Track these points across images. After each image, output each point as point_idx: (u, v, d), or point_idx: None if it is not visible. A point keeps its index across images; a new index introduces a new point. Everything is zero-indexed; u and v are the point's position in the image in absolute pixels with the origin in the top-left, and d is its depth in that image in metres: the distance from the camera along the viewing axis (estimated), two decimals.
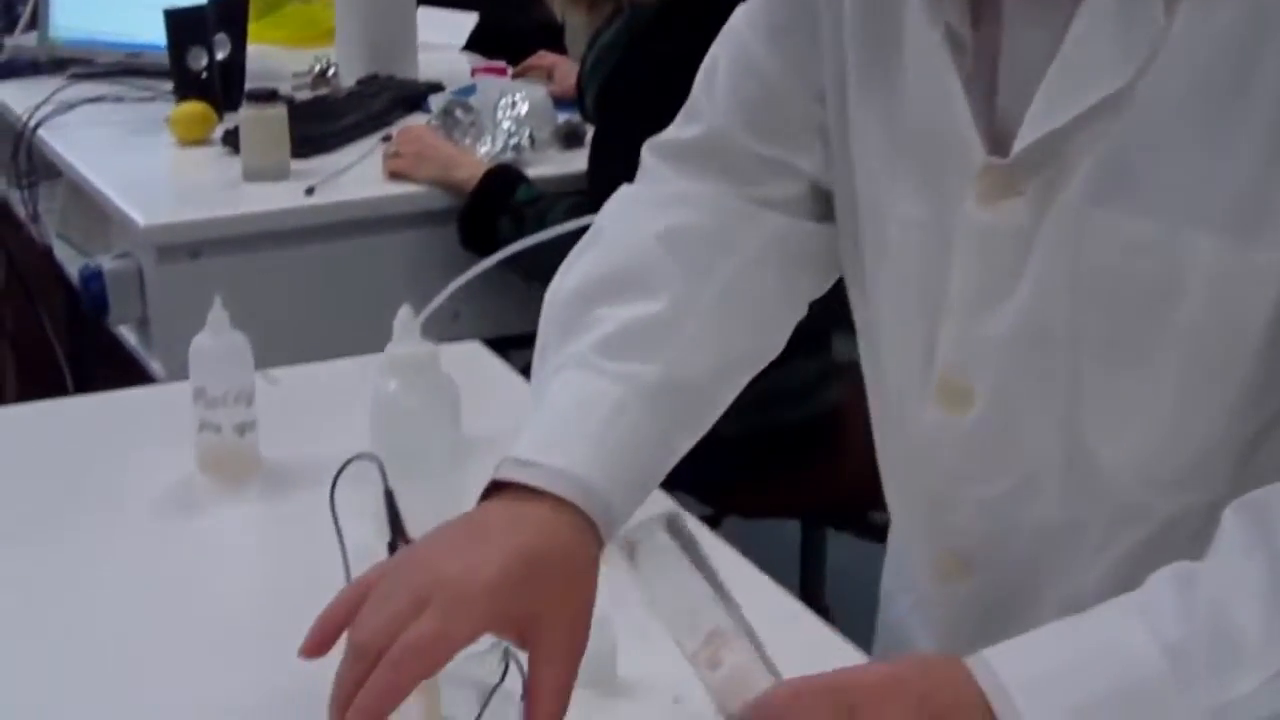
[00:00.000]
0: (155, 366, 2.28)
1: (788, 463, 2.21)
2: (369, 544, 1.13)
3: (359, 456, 1.08)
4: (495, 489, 0.98)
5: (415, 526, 1.07)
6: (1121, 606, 0.84)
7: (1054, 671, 0.82)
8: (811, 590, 2.43)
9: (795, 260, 1.11)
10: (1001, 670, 0.81)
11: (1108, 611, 0.84)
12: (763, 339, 1.12)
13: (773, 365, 1.13)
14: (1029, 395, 0.98)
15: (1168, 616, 0.82)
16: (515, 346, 1.98)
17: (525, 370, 1.64)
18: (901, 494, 1.14)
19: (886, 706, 0.80)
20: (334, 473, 1.09)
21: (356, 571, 1.08)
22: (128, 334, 2.40)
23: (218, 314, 1.39)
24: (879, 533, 2.31)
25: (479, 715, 1.02)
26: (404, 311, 1.29)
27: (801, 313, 1.14)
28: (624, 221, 1.11)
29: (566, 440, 0.98)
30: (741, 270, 1.08)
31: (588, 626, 0.93)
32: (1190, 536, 0.89)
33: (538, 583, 0.91)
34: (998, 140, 0.95)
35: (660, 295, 1.05)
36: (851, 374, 2.17)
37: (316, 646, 0.93)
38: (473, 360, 1.65)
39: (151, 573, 1.29)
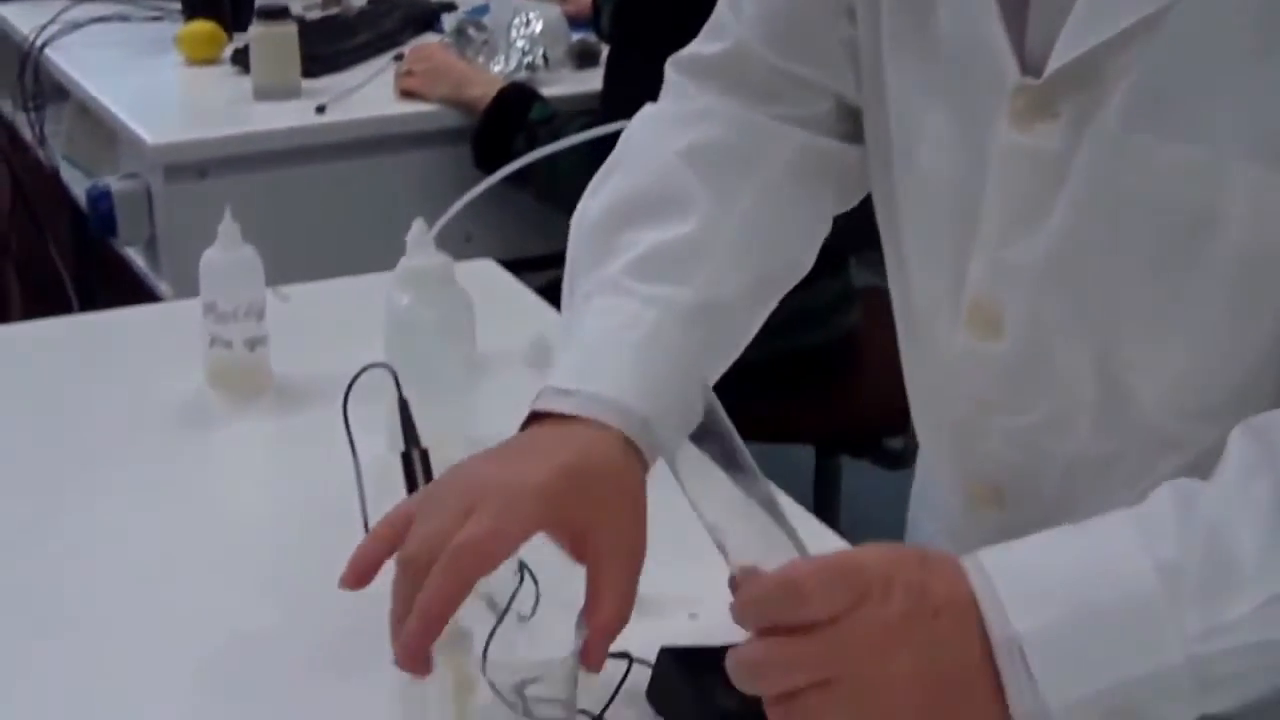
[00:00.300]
0: (163, 288, 2.27)
1: (804, 387, 2.20)
2: (382, 456, 1.12)
3: (373, 365, 1.06)
4: (534, 419, 0.97)
5: (429, 440, 1.06)
6: (1120, 520, 0.83)
7: (1046, 581, 0.81)
8: (825, 517, 2.42)
9: (819, 177, 1.10)
10: (995, 575, 0.81)
11: (1106, 524, 0.83)
12: (791, 256, 1.10)
13: (798, 286, 1.12)
14: (1062, 323, 0.96)
15: (1165, 534, 0.81)
16: (528, 268, 1.97)
17: (540, 291, 1.64)
18: (930, 421, 1.12)
19: (893, 592, 0.80)
20: (346, 388, 1.08)
21: (369, 482, 1.07)
22: (136, 256, 2.39)
23: (228, 227, 1.37)
24: (894, 459, 2.34)
25: (494, 629, 1.01)
26: (417, 225, 1.27)
27: (826, 230, 1.13)
28: (648, 140, 1.10)
29: (603, 366, 0.98)
30: (767, 187, 1.07)
31: (644, 536, 0.93)
32: None
33: (587, 492, 0.91)
34: (1033, 65, 0.93)
35: (689, 216, 1.04)
36: (868, 299, 2.18)
37: (357, 577, 0.93)
38: (486, 277, 1.63)
39: (162, 487, 1.27)
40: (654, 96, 1.14)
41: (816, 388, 2.22)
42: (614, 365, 0.97)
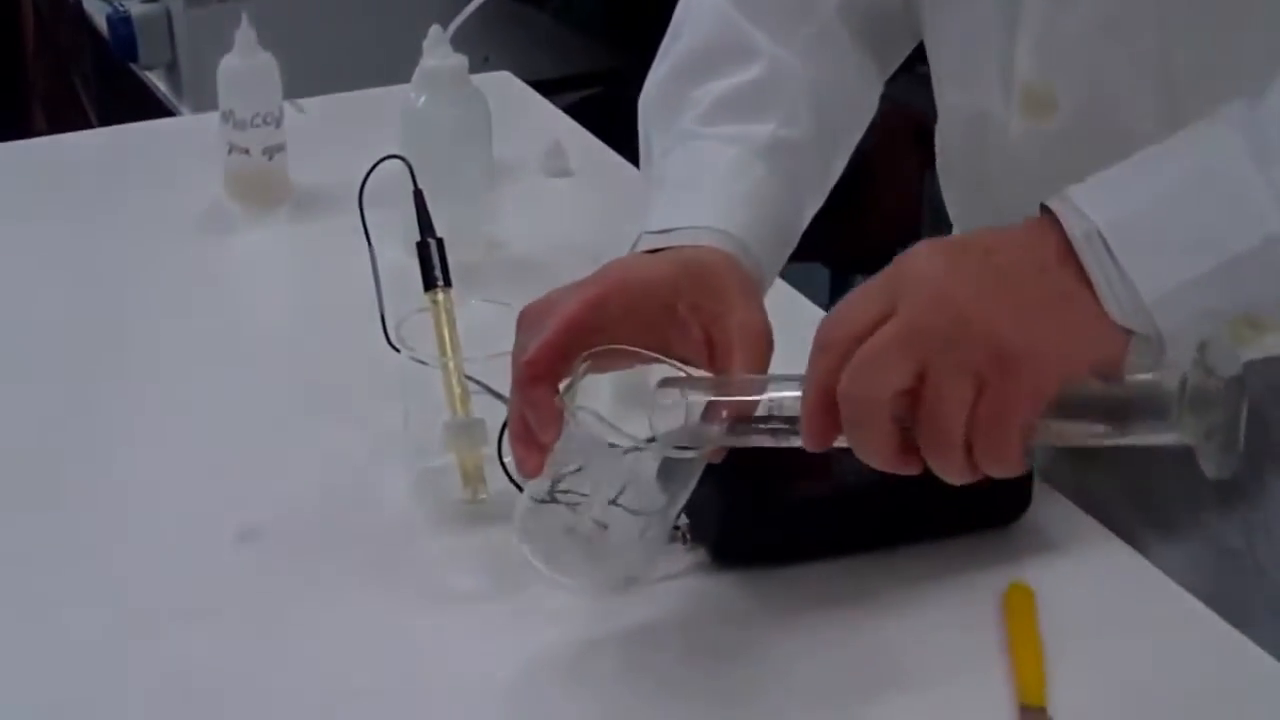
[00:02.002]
0: (185, 112, 2.26)
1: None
2: (399, 260, 1.11)
3: (388, 157, 1.06)
4: None
5: (446, 242, 1.05)
6: (1195, 122, 0.81)
7: (1119, 176, 0.79)
8: None
9: (871, 22, 1.09)
10: (1065, 188, 0.79)
11: (1181, 132, 0.81)
12: (855, 97, 1.10)
13: None
14: (1119, 87, 0.95)
15: (1235, 110, 0.79)
16: (546, 91, 1.95)
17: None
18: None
19: (934, 256, 0.78)
20: (361, 180, 1.07)
21: (387, 285, 1.06)
22: (157, 81, 2.38)
23: (245, 33, 1.37)
24: None
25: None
26: (434, 30, 1.26)
27: (887, 73, 1.12)
28: (699, 3, 1.09)
29: (693, 202, 0.97)
30: (823, 29, 1.07)
31: (770, 328, 0.89)
32: None
33: (705, 282, 0.89)
34: None
35: (753, 61, 1.04)
36: (880, 124, 2.16)
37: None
38: (503, 88, 1.62)
39: (182, 294, 1.28)
40: None
41: (830, 206, 2.22)
42: (703, 199, 0.97)
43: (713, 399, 0.86)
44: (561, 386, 0.86)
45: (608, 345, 0.87)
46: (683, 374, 0.87)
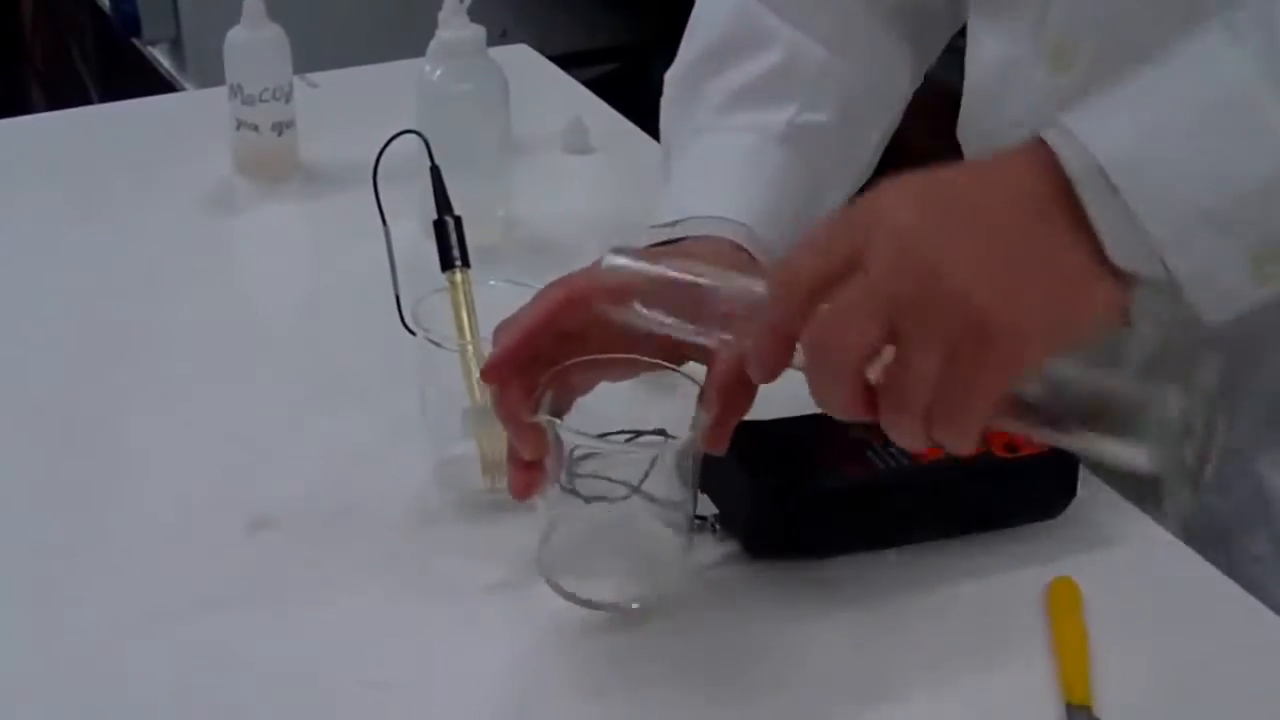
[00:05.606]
0: (189, 89, 2.24)
1: None
2: (415, 239, 1.09)
3: (404, 132, 1.03)
4: None
5: (463, 218, 1.02)
6: (1193, 41, 0.73)
7: (1117, 103, 0.72)
8: None
9: (904, 8, 1.07)
10: (1060, 118, 0.72)
11: (1182, 50, 0.73)
12: (884, 84, 1.08)
13: None
14: (1146, 39, 0.92)
15: (1245, 26, 0.71)
16: (566, 66, 1.92)
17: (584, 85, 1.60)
18: None
19: (902, 194, 0.71)
20: (376, 156, 1.04)
21: (402, 263, 1.04)
22: (161, 57, 2.36)
23: (253, 4, 1.33)
24: None
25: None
26: (450, 0, 1.23)
27: (926, 60, 1.10)
28: None
29: (701, 191, 0.95)
30: (847, 17, 1.05)
31: None
32: None
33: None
34: None
35: (770, 48, 1.02)
36: (915, 100, 2.14)
37: None
38: (522, 62, 1.59)
39: (191, 271, 1.25)
40: None
41: (864, 182, 2.21)
42: (712, 189, 0.95)
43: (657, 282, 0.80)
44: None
45: (574, 359, 0.84)
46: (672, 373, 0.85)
